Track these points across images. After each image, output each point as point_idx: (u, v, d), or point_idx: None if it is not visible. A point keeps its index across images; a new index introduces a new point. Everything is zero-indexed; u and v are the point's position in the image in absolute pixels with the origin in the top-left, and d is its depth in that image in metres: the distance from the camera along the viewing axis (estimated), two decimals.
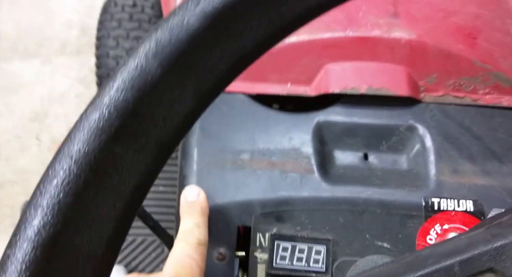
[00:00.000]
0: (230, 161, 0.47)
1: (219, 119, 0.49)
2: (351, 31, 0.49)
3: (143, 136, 0.15)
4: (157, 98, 0.15)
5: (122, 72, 0.14)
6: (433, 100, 0.49)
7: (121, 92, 0.14)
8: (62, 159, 0.14)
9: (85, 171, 0.14)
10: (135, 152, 0.15)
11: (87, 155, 0.14)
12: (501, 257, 0.20)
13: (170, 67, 0.15)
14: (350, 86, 0.48)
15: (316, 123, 0.48)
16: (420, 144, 0.47)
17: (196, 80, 0.15)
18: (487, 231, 0.21)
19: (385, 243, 0.43)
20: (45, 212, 0.13)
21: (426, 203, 0.43)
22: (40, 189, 0.14)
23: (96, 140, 0.14)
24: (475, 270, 0.20)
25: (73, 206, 0.14)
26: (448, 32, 0.49)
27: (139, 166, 0.15)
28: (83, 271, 0.14)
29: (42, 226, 0.13)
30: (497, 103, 0.48)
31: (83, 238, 0.14)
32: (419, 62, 0.49)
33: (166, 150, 0.15)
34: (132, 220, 0.15)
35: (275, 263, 0.43)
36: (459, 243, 0.21)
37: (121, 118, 0.14)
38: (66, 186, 0.13)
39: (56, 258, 0.13)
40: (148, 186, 0.15)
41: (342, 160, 0.48)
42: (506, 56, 0.49)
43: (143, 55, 0.14)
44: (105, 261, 0.14)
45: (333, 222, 0.43)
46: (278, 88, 0.51)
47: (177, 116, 0.15)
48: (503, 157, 0.45)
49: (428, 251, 0.22)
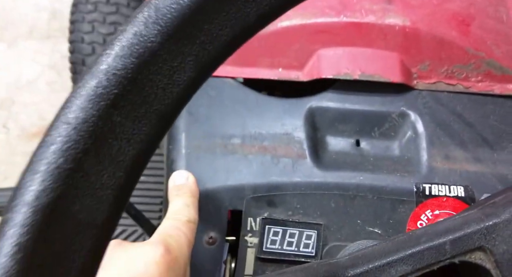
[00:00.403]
0: (220, 145, 0.46)
1: (207, 103, 0.48)
2: (344, 17, 0.49)
3: (142, 105, 0.14)
4: (156, 67, 0.14)
5: (121, 39, 0.14)
6: (425, 87, 0.49)
7: (120, 59, 0.14)
8: (59, 125, 0.14)
9: (84, 137, 0.14)
10: (135, 121, 0.14)
11: (85, 122, 0.14)
12: (491, 235, 0.20)
13: (170, 35, 0.14)
14: (343, 72, 0.48)
15: (308, 109, 0.48)
16: (412, 130, 0.47)
17: (196, 50, 0.15)
18: (480, 211, 0.22)
19: (376, 228, 0.43)
20: (44, 177, 0.13)
21: (417, 189, 0.43)
22: (38, 156, 0.13)
23: (94, 107, 0.14)
24: (466, 248, 0.20)
25: (73, 172, 0.13)
26: (441, 19, 0.49)
27: (139, 135, 0.15)
28: (82, 238, 0.14)
29: (42, 190, 0.13)
30: (489, 90, 0.49)
31: (82, 205, 0.14)
32: (412, 49, 0.49)
33: (166, 120, 0.15)
34: (132, 189, 0.15)
35: (265, 247, 0.43)
36: (452, 223, 0.22)
37: (120, 85, 0.14)
38: (65, 152, 0.13)
39: (56, 224, 0.13)
40: (148, 155, 0.15)
41: (334, 146, 0.47)
42: (498, 44, 0.49)
43: (142, 22, 0.14)
44: (104, 229, 0.14)
45: (325, 207, 0.43)
46: (269, 73, 0.50)
47: (176, 86, 0.15)
48: (494, 144, 0.46)
49: (422, 230, 0.22)
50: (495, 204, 0.22)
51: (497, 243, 0.20)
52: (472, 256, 0.20)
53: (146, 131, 0.15)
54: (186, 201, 0.39)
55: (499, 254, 0.20)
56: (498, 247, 0.20)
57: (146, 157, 0.15)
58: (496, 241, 0.20)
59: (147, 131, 0.15)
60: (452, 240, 0.20)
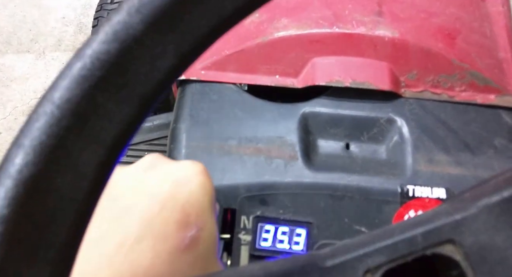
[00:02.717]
0: (217, 146, 0.48)
1: (208, 107, 0.51)
2: (337, 28, 0.52)
3: (124, 88, 0.15)
4: (139, 53, 0.15)
5: (105, 26, 0.15)
6: (412, 95, 0.51)
7: (104, 44, 0.15)
8: (44, 104, 0.14)
9: (66, 116, 0.14)
10: (117, 102, 0.15)
11: (68, 101, 0.14)
12: (460, 228, 0.21)
13: (152, 23, 0.15)
14: (335, 79, 0.50)
15: (302, 114, 0.50)
16: (398, 135, 0.49)
17: (177, 40, 0.16)
18: (450, 205, 0.23)
19: (362, 227, 0.45)
20: (27, 151, 0.14)
21: (401, 190, 0.45)
22: (23, 131, 0.14)
23: (78, 87, 0.14)
24: (436, 241, 0.21)
25: (55, 148, 0.14)
26: (429, 31, 0.52)
27: (120, 116, 0.15)
28: (64, 212, 0.14)
29: (24, 164, 0.13)
30: (472, 100, 0.51)
31: (64, 179, 0.14)
32: (401, 59, 0.51)
33: (147, 103, 0.16)
34: (112, 167, 0.16)
35: (258, 244, 0.45)
36: (424, 217, 0.23)
37: (103, 69, 0.15)
38: (48, 129, 0.14)
39: (38, 197, 0.14)
40: (129, 135, 0.16)
41: (325, 149, 0.49)
42: (482, 56, 0.52)
43: (126, 10, 0.15)
44: (85, 205, 0.15)
45: (314, 206, 0.45)
46: (266, 79, 0.53)
47: (158, 72, 0.16)
48: (475, 149, 0.48)
49: (397, 225, 0.23)
50: (463, 199, 0.23)
51: (465, 236, 0.21)
52: (442, 248, 0.21)
53: (127, 112, 0.15)
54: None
55: (467, 247, 0.20)
56: (466, 240, 0.21)
57: (127, 137, 0.16)
58: (464, 234, 0.21)
59: (128, 112, 0.15)
60: (423, 232, 0.21)
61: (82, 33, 1.70)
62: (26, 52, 1.65)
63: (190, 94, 0.52)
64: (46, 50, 1.66)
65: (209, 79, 0.53)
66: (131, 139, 0.16)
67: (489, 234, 0.21)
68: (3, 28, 1.72)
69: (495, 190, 0.22)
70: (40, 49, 1.66)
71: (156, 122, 0.92)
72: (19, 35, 1.70)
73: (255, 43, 0.53)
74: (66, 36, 1.70)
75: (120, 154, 0.16)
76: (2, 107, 1.53)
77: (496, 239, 0.21)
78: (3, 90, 1.56)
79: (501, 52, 0.52)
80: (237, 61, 0.53)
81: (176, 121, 0.51)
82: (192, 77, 0.53)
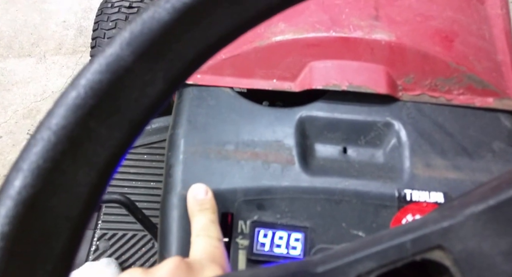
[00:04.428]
0: (215, 151, 0.48)
1: (206, 112, 0.51)
2: (334, 32, 0.52)
3: (116, 114, 0.16)
4: (129, 81, 0.16)
5: (99, 58, 0.16)
6: (410, 99, 0.51)
7: (97, 75, 0.16)
8: (42, 130, 0.16)
9: (62, 141, 0.15)
10: (108, 127, 0.16)
11: (64, 128, 0.15)
12: (448, 235, 0.21)
13: (141, 55, 0.16)
14: (332, 83, 0.50)
15: (299, 118, 0.50)
16: (396, 139, 0.49)
17: (165, 67, 0.17)
18: (438, 213, 0.23)
19: (360, 231, 0.45)
20: (25, 174, 0.15)
21: (399, 194, 0.45)
22: (22, 156, 0.15)
23: (72, 115, 0.16)
24: (425, 247, 0.22)
25: (51, 171, 0.15)
26: (426, 35, 0.52)
27: (112, 140, 0.16)
28: (59, 230, 0.15)
29: (23, 186, 0.15)
30: (469, 103, 0.51)
31: (60, 199, 0.15)
32: (398, 63, 0.51)
33: (137, 127, 0.17)
34: (104, 187, 0.17)
35: (255, 249, 0.44)
36: (413, 224, 0.23)
37: (96, 97, 0.16)
38: (45, 153, 0.15)
39: (35, 216, 0.15)
40: (120, 157, 0.17)
41: (322, 153, 0.49)
42: (479, 59, 0.51)
43: (118, 43, 0.16)
44: (79, 222, 0.16)
45: (312, 210, 0.45)
46: (264, 83, 0.53)
47: (148, 97, 0.17)
48: (473, 153, 0.48)
49: (387, 231, 0.24)
50: (452, 207, 0.23)
51: (454, 243, 0.21)
52: (432, 254, 0.22)
53: (118, 136, 0.16)
54: (211, 218, 0.40)
55: (456, 253, 0.21)
56: (455, 246, 0.21)
57: (118, 159, 0.17)
58: (453, 241, 0.21)
59: (119, 136, 0.16)
60: (412, 239, 0.22)
61: (83, 36, 1.71)
62: (27, 56, 1.66)
63: (187, 99, 0.52)
64: (46, 53, 1.66)
65: (207, 83, 0.53)
66: (121, 160, 0.17)
67: (477, 241, 0.21)
68: (5, 33, 1.73)
69: (482, 199, 0.22)
70: (41, 53, 1.67)
71: (155, 125, 0.92)
72: (20, 39, 1.71)
73: (252, 47, 0.53)
74: (66, 39, 1.71)
75: (112, 174, 0.17)
76: (3, 110, 1.54)
77: (483, 246, 0.21)
78: (4, 94, 1.57)
79: (500, 55, 0.52)
80: (234, 65, 0.53)
81: (174, 127, 0.51)
82: (189, 81, 0.53)
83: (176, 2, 0.16)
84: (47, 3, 1.81)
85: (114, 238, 0.84)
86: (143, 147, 0.90)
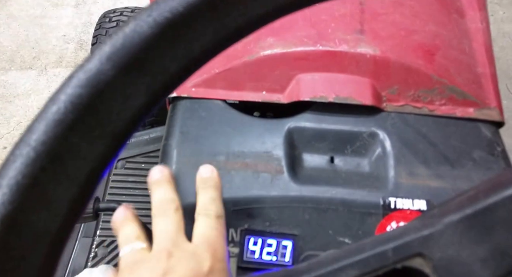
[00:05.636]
0: (206, 162, 0.50)
1: (198, 124, 0.52)
2: (321, 46, 0.54)
3: (97, 128, 0.16)
4: (110, 95, 0.16)
5: (79, 72, 0.16)
6: (394, 110, 0.52)
7: (77, 89, 0.16)
8: (21, 146, 0.15)
9: (41, 157, 0.15)
10: (90, 142, 0.16)
11: (43, 143, 0.15)
12: (428, 243, 0.22)
13: (122, 69, 0.16)
14: (319, 95, 0.52)
15: (287, 129, 0.52)
16: (381, 149, 0.50)
17: (147, 81, 0.16)
18: (419, 222, 0.24)
19: (346, 238, 0.46)
20: (4, 191, 0.15)
21: (383, 202, 0.46)
22: (0, 172, 0.15)
23: (52, 130, 0.15)
24: (406, 255, 0.22)
25: (30, 187, 0.15)
26: (409, 48, 0.54)
27: (93, 154, 0.16)
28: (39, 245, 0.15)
29: (1, 203, 0.15)
30: (451, 113, 0.52)
31: (39, 215, 0.15)
32: (382, 75, 0.53)
33: (119, 140, 0.17)
34: (86, 203, 0.17)
35: (245, 256, 0.46)
36: (394, 233, 0.24)
37: (76, 111, 0.15)
38: (24, 169, 0.15)
39: (15, 232, 0.15)
40: (102, 172, 0.17)
41: (310, 163, 0.51)
42: (460, 72, 0.53)
43: (97, 57, 0.16)
44: (59, 237, 0.16)
45: (300, 218, 0.46)
46: (254, 95, 0.55)
47: (130, 110, 0.16)
48: (455, 162, 0.49)
49: (369, 240, 0.25)
50: (432, 216, 0.24)
51: (433, 250, 0.22)
52: (412, 261, 0.22)
53: (100, 150, 0.16)
54: (212, 195, 0.41)
55: (436, 260, 0.22)
56: (434, 254, 0.22)
57: (100, 173, 0.16)
58: (432, 249, 0.22)
59: (101, 150, 0.16)
60: (393, 247, 0.22)
61: (83, 49, 1.74)
62: (28, 69, 1.69)
63: (180, 111, 0.54)
64: (48, 66, 1.69)
65: (199, 96, 0.55)
66: (103, 174, 0.17)
67: (456, 249, 0.22)
68: (7, 47, 1.76)
69: (460, 208, 0.23)
70: (42, 66, 1.69)
71: (152, 135, 0.94)
72: (22, 53, 1.74)
73: (242, 61, 0.55)
74: (67, 53, 1.74)
75: (93, 189, 0.17)
76: (6, 122, 1.56)
77: (462, 253, 0.22)
78: (7, 106, 1.59)
79: (480, 68, 0.54)
80: (225, 78, 0.55)
81: (167, 138, 0.53)
82: (183, 94, 0.55)
83: (157, 16, 0.16)
84: (47, 18, 1.84)
85: (112, 245, 0.86)
86: (141, 156, 0.92)
